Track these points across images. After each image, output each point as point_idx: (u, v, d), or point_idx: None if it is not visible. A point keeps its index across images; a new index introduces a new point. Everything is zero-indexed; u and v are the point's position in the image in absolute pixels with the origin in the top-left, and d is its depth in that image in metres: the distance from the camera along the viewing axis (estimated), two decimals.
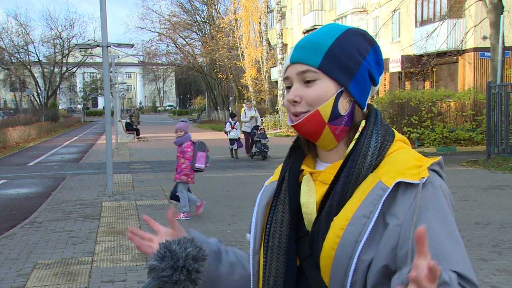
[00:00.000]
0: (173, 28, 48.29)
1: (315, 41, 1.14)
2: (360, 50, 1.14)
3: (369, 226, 1.02)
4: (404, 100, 17.04)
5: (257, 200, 1.26)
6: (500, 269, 5.05)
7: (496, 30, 15.21)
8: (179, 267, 0.94)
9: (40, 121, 39.24)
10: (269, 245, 1.16)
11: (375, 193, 1.05)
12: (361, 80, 1.13)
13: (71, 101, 79.49)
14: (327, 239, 1.06)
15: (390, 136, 1.14)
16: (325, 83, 1.11)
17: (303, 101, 1.12)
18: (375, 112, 1.17)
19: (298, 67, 1.13)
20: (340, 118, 1.13)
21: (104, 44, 9.75)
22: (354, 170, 1.08)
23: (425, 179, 1.04)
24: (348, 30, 1.15)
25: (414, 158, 1.09)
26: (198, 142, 7.78)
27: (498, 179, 10.84)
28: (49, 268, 5.44)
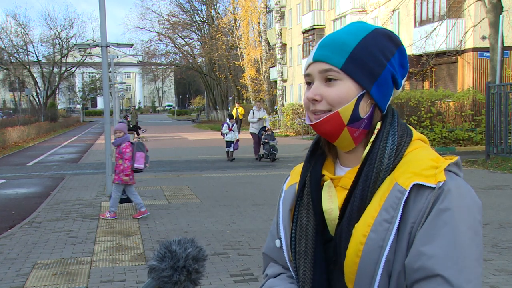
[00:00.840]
0: (172, 28, 48.31)
1: (340, 40, 1.12)
2: (385, 52, 1.12)
3: (392, 231, 1.02)
4: (403, 100, 17.05)
5: (279, 205, 1.24)
6: (499, 269, 5.06)
7: (495, 30, 15.22)
8: (180, 268, 0.94)
9: (39, 121, 39.21)
10: (296, 250, 1.15)
11: (393, 196, 1.04)
12: (384, 83, 1.12)
13: (70, 101, 79.44)
14: (350, 246, 1.05)
15: (408, 137, 1.12)
16: (347, 84, 1.10)
17: (324, 100, 1.11)
18: (392, 112, 1.15)
19: (321, 65, 1.11)
20: (359, 121, 1.11)
21: (103, 44, 9.74)
22: (372, 174, 1.07)
23: (441, 183, 1.02)
24: (374, 31, 1.13)
25: (431, 158, 1.07)
26: (137, 142, 7.78)
27: (497, 179, 10.84)
28: (48, 268, 5.43)
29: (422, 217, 1.02)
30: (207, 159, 16.36)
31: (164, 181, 11.56)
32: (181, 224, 7.25)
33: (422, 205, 1.02)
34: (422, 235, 1.01)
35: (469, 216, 1.02)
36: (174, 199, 9.29)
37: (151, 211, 8.19)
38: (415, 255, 1.00)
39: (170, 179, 11.90)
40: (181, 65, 53.42)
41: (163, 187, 10.59)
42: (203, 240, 6.31)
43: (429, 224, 1.01)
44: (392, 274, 1.03)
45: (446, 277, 0.97)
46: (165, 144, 23.29)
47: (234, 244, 6.14)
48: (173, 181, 11.47)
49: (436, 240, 0.99)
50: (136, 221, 7.55)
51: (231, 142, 15.22)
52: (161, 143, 23.94)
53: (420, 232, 1.01)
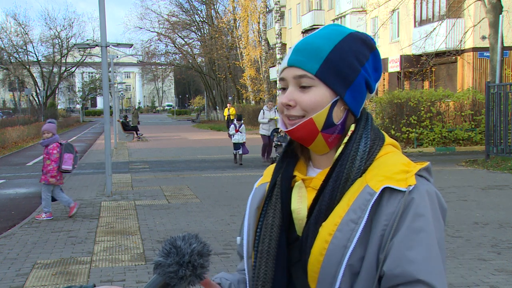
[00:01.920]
0: (172, 28, 48.30)
1: (314, 45, 1.12)
2: (359, 57, 1.12)
3: (357, 231, 1.02)
4: (403, 100, 17.05)
5: (248, 202, 1.25)
6: (499, 269, 5.06)
7: (495, 30, 15.23)
8: (185, 263, 0.96)
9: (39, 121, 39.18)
10: (259, 249, 1.15)
11: (363, 197, 1.04)
12: (357, 89, 1.12)
13: (70, 101, 79.45)
14: (316, 244, 1.06)
15: (380, 140, 1.13)
16: (321, 90, 1.10)
17: (298, 106, 1.12)
18: (366, 116, 1.16)
19: (295, 70, 1.12)
20: (333, 127, 1.12)
21: (103, 44, 9.74)
22: (343, 174, 1.08)
23: (411, 187, 1.03)
24: (349, 35, 1.13)
25: (402, 163, 1.09)
26: (65, 143, 7.80)
27: (497, 179, 10.85)
28: (48, 268, 5.43)
29: (394, 220, 1.02)
30: (207, 159, 16.37)
31: (164, 181, 11.56)
32: (181, 224, 7.26)
33: (394, 209, 1.03)
34: (400, 241, 1.01)
35: (440, 222, 1.06)
36: (174, 199, 9.29)
37: (151, 211, 8.19)
38: (395, 261, 1.01)
39: (170, 179, 11.90)
40: (181, 65, 53.42)
41: (163, 187, 10.59)
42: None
43: (405, 230, 1.02)
44: (358, 277, 1.03)
45: (428, 282, 0.99)
46: (165, 144, 23.29)
47: (234, 244, 6.14)
48: (173, 181, 11.47)
49: (415, 246, 1.01)
50: (136, 221, 7.56)
51: (239, 144, 14.56)
52: (161, 143, 23.94)
53: (397, 237, 1.02)
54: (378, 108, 18.10)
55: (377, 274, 1.03)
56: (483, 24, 17.56)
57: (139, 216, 7.85)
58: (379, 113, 18.01)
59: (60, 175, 7.74)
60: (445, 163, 13.53)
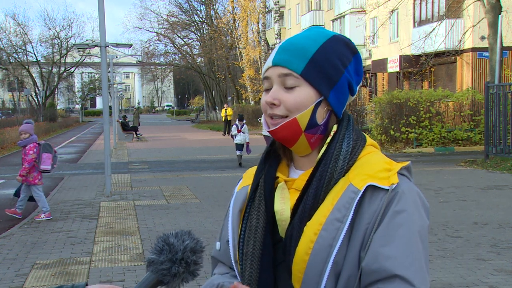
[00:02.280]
0: (171, 28, 48.27)
1: (300, 45, 1.12)
2: (343, 59, 1.13)
3: (343, 230, 1.03)
4: (402, 100, 17.05)
5: (230, 206, 1.24)
6: (498, 269, 5.06)
7: (494, 30, 15.23)
8: (178, 260, 0.95)
9: (38, 121, 39.19)
10: (244, 251, 1.15)
11: (347, 196, 1.05)
12: (341, 90, 1.13)
13: (69, 101, 79.36)
14: (300, 244, 1.06)
15: (362, 141, 1.14)
16: (306, 90, 1.11)
17: (282, 105, 1.11)
18: (348, 117, 1.17)
19: (280, 69, 1.12)
20: (316, 127, 1.13)
21: (102, 44, 9.74)
22: (326, 174, 1.08)
23: (394, 186, 1.05)
24: (333, 37, 1.14)
25: (385, 161, 1.11)
26: (44, 143, 7.83)
27: (496, 179, 10.85)
28: (47, 268, 5.43)
29: (376, 218, 1.04)
30: (206, 159, 16.36)
31: (163, 181, 11.56)
32: (180, 224, 7.25)
33: (376, 207, 1.04)
34: (379, 236, 1.02)
35: (421, 218, 1.06)
36: (173, 199, 9.29)
37: (151, 212, 8.19)
38: (372, 256, 1.01)
39: (169, 179, 11.90)
40: (180, 65, 53.40)
41: (162, 187, 10.59)
42: (202, 240, 6.28)
43: (385, 225, 1.03)
44: (341, 275, 1.04)
45: (405, 277, 0.99)
46: (164, 144, 23.28)
47: None
48: (172, 181, 11.47)
49: (393, 241, 1.01)
50: (135, 221, 7.55)
51: (242, 145, 13.99)
52: (160, 143, 23.94)
53: (376, 233, 1.03)
54: (378, 108, 18.10)
55: (358, 271, 1.03)
56: (482, 25, 17.57)
57: (139, 217, 7.85)
58: (378, 113, 18.01)
59: (40, 175, 7.77)
60: (444, 163, 13.54)
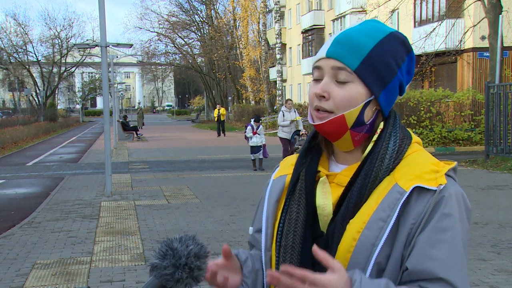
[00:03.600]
0: (171, 28, 48.30)
1: (356, 40, 1.10)
2: (397, 59, 1.11)
3: (386, 230, 1.03)
4: (402, 100, 17.04)
5: (266, 194, 1.23)
6: (499, 269, 5.06)
7: (494, 30, 15.22)
8: (181, 265, 0.94)
9: (39, 121, 39.22)
10: (282, 244, 1.14)
11: (392, 196, 1.05)
12: (392, 90, 1.12)
13: (70, 101, 79.39)
14: (343, 241, 1.06)
15: (408, 139, 1.13)
16: (357, 88, 1.09)
17: (331, 100, 1.10)
18: (394, 114, 1.15)
19: (334, 62, 1.10)
20: (363, 126, 1.11)
21: (102, 44, 9.74)
22: (372, 173, 1.08)
23: (442, 186, 1.04)
24: (390, 35, 1.12)
25: (431, 162, 1.09)
26: None
27: (497, 179, 10.85)
28: (47, 268, 5.43)
29: (422, 219, 1.03)
30: (207, 159, 16.36)
31: (164, 181, 11.56)
32: (180, 224, 7.25)
33: (423, 208, 1.04)
34: (425, 238, 1.02)
35: (465, 223, 1.06)
36: (173, 199, 9.29)
37: (151, 211, 8.20)
38: (418, 257, 1.02)
39: (170, 179, 11.90)
40: (181, 65, 53.43)
41: (163, 187, 10.59)
42: (203, 240, 6.25)
43: (432, 227, 1.03)
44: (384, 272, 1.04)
45: (449, 281, 1.00)
46: (164, 144, 23.29)
47: (234, 244, 6.14)
48: (172, 181, 11.47)
49: (440, 244, 1.02)
50: (136, 221, 7.55)
51: (257, 148, 12.94)
52: (161, 143, 23.94)
53: (422, 235, 1.03)
54: None
55: (400, 270, 1.04)
56: (482, 24, 17.55)
57: (139, 216, 7.85)
58: None
59: None
60: None
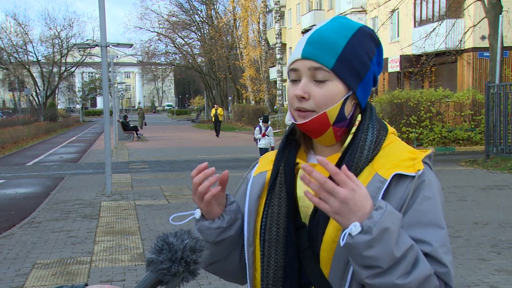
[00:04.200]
0: (172, 28, 48.27)
1: (329, 39, 1.12)
2: (369, 53, 1.15)
3: None
4: (403, 100, 17.04)
5: (247, 190, 1.25)
6: (499, 268, 5.06)
7: (494, 30, 15.22)
8: (178, 259, 0.95)
9: (39, 121, 39.21)
10: (266, 238, 1.16)
11: (374, 185, 1.07)
12: (367, 83, 1.15)
13: (70, 101, 79.37)
14: (327, 232, 1.08)
15: (384, 130, 1.17)
16: (336, 85, 1.12)
17: (311, 99, 1.12)
18: (370, 107, 1.18)
19: (310, 63, 1.12)
20: (344, 121, 1.14)
21: (103, 44, 9.74)
22: (353, 163, 1.10)
23: (420, 172, 1.08)
24: (359, 30, 1.15)
25: (408, 150, 1.13)
26: None
27: (497, 179, 10.84)
28: (47, 268, 5.43)
29: (404, 203, 1.07)
30: (207, 159, 16.33)
31: (164, 181, 11.56)
32: (181, 224, 7.25)
33: (402, 193, 1.07)
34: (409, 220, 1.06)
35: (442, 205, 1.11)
36: (174, 199, 9.29)
37: (151, 211, 8.20)
38: None
39: (170, 179, 11.90)
40: (181, 65, 53.40)
41: (163, 187, 10.59)
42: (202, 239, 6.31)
43: (415, 209, 1.06)
44: None
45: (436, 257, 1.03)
46: (164, 144, 23.29)
47: None
48: (172, 181, 11.47)
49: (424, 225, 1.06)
50: (136, 221, 7.55)
51: (266, 150, 12.35)
52: (161, 143, 23.94)
53: (406, 217, 1.06)
54: (378, 108, 18.09)
55: None
56: (482, 24, 17.54)
57: (139, 216, 7.85)
58: (379, 113, 17.98)
59: None
60: (445, 163, 13.52)
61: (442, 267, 1.03)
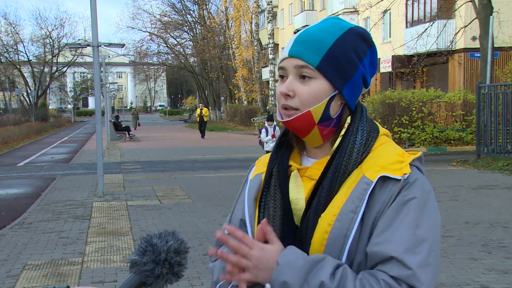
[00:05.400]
0: (164, 28, 48.14)
1: (316, 37, 1.13)
2: (359, 52, 1.14)
3: (356, 220, 1.05)
4: (395, 100, 17.11)
5: (245, 194, 1.25)
6: (490, 268, 5.09)
7: (485, 31, 15.32)
8: (161, 261, 0.94)
9: (30, 121, 38.97)
10: None
11: (360, 187, 1.07)
12: (355, 84, 1.14)
13: (62, 101, 78.97)
14: (316, 235, 1.08)
15: (375, 132, 1.16)
16: (321, 84, 1.12)
17: (296, 97, 1.13)
18: (361, 108, 1.18)
19: (296, 61, 1.13)
20: (329, 120, 1.14)
21: (94, 44, 9.69)
22: (341, 166, 1.10)
23: (407, 175, 1.07)
24: (349, 30, 1.15)
25: (397, 153, 1.12)
26: None
27: (488, 178, 10.92)
28: (38, 269, 5.40)
29: (385, 206, 1.06)
30: (199, 159, 16.33)
31: (156, 181, 11.53)
32: (173, 225, 7.23)
33: (386, 196, 1.07)
34: (382, 221, 1.05)
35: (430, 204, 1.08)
36: (166, 199, 9.26)
37: (143, 212, 8.17)
38: (376, 239, 1.04)
39: (162, 179, 11.86)
40: (173, 65, 53.29)
41: (155, 187, 10.56)
42: (195, 240, 6.30)
43: (391, 211, 1.05)
44: (353, 264, 1.07)
45: (400, 259, 1.00)
46: (157, 144, 23.22)
47: None
48: (165, 181, 11.44)
49: (394, 225, 1.04)
50: (128, 221, 7.52)
51: None
52: (153, 143, 23.87)
53: (382, 218, 1.05)
54: (370, 108, 18.16)
55: None
56: (473, 25, 17.65)
57: (131, 217, 7.82)
58: (371, 113, 18.05)
59: None
60: (436, 163, 13.60)
61: (405, 269, 1.00)
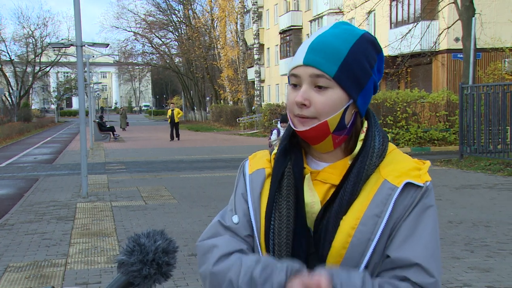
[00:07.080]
0: (149, 27, 47.93)
1: (331, 46, 1.12)
2: (370, 60, 1.15)
3: (381, 224, 1.08)
4: (379, 100, 17.24)
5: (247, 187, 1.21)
6: (472, 266, 5.15)
7: (468, 32, 15.51)
8: (149, 261, 0.93)
9: (12, 121, 38.47)
10: (275, 241, 1.15)
11: (384, 192, 1.09)
12: (368, 92, 1.16)
13: (45, 101, 78.12)
14: (337, 238, 1.09)
15: (386, 138, 1.19)
16: (337, 93, 1.11)
17: (312, 107, 1.11)
18: (372, 114, 1.21)
19: (312, 70, 1.11)
20: (344, 129, 1.15)
21: (78, 44, 9.60)
22: (364, 170, 1.11)
23: (428, 183, 1.11)
24: (362, 37, 1.14)
25: (413, 160, 1.17)
26: None
27: (470, 178, 11.05)
28: (21, 271, 5.33)
29: (407, 212, 1.09)
30: (185, 159, 16.28)
31: (141, 181, 11.46)
32: (158, 225, 7.20)
33: (408, 201, 1.09)
34: (406, 227, 1.08)
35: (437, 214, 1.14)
36: (151, 199, 9.21)
37: (128, 212, 8.12)
38: (399, 244, 1.07)
39: (147, 179, 11.80)
40: (158, 65, 53.07)
41: (140, 188, 10.49)
42: (181, 240, 6.27)
43: (413, 217, 1.09)
44: (369, 265, 1.09)
45: (424, 267, 1.05)
46: (142, 144, 23.09)
47: None
48: (150, 182, 11.38)
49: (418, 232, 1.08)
50: (112, 222, 7.47)
51: None
52: (138, 143, 23.72)
53: (405, 223, 1.09)
54: None
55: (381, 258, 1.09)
56: (456, 26, 17.87)
57: (116, 218, 7.76)
58: None
59: None
60: None
61: (428, 277, 1.04)
